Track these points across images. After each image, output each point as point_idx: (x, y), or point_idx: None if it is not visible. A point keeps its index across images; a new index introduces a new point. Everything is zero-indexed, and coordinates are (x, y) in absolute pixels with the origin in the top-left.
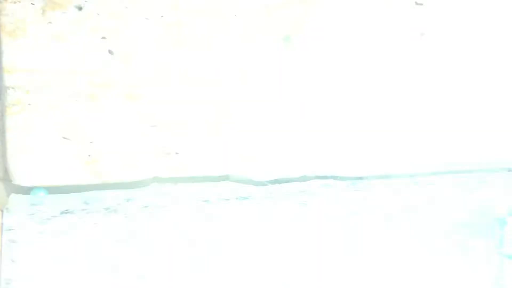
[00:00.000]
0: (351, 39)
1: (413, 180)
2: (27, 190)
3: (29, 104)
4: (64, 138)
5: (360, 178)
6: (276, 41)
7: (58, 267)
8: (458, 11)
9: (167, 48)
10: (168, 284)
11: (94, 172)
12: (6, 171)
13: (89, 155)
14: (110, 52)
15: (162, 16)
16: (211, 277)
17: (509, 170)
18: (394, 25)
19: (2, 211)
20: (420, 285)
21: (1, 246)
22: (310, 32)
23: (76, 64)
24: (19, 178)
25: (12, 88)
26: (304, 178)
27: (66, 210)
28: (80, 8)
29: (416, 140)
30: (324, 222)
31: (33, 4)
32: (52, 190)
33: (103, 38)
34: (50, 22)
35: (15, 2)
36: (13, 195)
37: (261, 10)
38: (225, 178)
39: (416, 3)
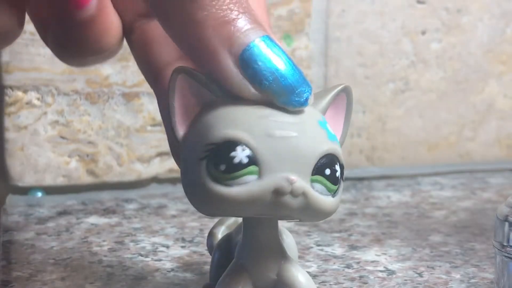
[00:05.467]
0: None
1: (414, 180)
2: (24, 191)
3: (26, 103)
4: (62, 137)
5: (361, 179)
6: None
7: (56, 268)
8: None
9: None
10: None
11: (92, 172)
12: (3, 171)
13: (87, 155)
14: None
15: None
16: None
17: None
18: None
19: None
20: (420, 285)
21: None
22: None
23: None
24: (17, 178)
25: (10, 87)
26: None
27: (64, 210)
28: None
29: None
30: (324, 223)
31: None
32: (50, 190)
33: None
34: None
35: None
36: (10, 196)
37: None
38: None
39: None
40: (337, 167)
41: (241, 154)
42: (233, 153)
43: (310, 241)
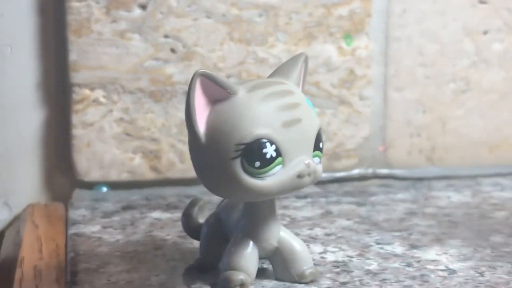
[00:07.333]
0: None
1: (475, 181)
2: (90, 186)
3: (93, 101)
4: (127, 134)
5: (421, 179)
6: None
7: (122, 260)
8: None
9: (229, 45)
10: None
11: (156, 169)
12: (70, 167)
13: (151, 152)
14: (172, 50)
15: (223, 15)
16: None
17: None
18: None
19: (67, 206)
20: (482, 285)
21: (67, 240)
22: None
23: (139, 61)
24: (83, 173)
25: (78, 85)
26: None
27: (128, 205)
28: (144, 7)
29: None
30: (383, 222)
31: (98, 3)
32: (114, 186)
33: (166, 36)
34: (114, 21)
35: (80, 1)
36: (77, 190)
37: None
38: None
39: None
40: (323, 138)
41: (270, 149)
42: (264, 150)
43: (370, 240)
